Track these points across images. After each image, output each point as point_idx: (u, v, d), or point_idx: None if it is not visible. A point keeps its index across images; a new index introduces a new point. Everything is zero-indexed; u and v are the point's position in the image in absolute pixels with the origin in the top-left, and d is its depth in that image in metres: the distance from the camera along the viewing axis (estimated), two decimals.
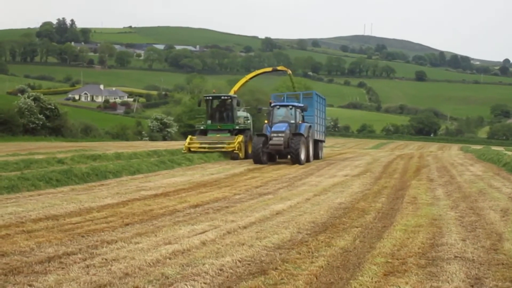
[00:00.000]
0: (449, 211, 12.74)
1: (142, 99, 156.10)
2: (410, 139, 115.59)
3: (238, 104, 32.31)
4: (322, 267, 7.69)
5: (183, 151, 30.23)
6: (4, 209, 11.87)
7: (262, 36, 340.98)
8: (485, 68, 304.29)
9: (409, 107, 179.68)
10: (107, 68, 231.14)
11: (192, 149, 30.27)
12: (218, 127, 31.88)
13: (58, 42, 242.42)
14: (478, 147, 66.07)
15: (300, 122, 29.21)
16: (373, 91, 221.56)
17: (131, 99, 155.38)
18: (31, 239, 9.14)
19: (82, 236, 9.45)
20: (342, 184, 18.58)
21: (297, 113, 29.03)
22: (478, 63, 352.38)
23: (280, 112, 29.32)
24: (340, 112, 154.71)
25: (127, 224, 10.66)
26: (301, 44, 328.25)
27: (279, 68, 41.69)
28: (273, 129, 27.99)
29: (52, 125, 55.25)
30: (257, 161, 27.29)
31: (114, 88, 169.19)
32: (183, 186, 17.25)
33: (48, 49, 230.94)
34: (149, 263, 7.73)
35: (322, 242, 9.26)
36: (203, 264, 7.70)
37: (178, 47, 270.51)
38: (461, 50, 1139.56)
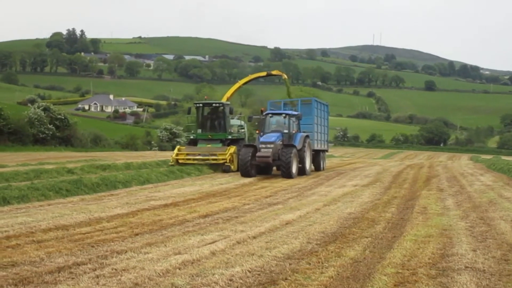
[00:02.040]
0: (460, 221, 12.67)
1: (151, 109, 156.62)
2: (419, 149, 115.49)
3: (231, 112, 29.86)
4: (332, 277, 7.67)
5: (170, 164, 27.96)
6: (14, 219, 11.90)
7: (271, 46, 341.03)
8: (494, 78, 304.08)
9: (419, 117, 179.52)
10: (116, 78, 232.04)
11: (180, 161, 27.86)
12: (209, 136, 29.13)
13: (68, 52, 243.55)
14: (488, 157, 65.81)
15: (295, 131, 26.93)
16: (382, 100, 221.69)
17: (141, 109, 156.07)
18: (41, 249, 9.17)
19: (92, 246, 9.46)
20: (352, 194, 18.53)
21: (291, 121, 26.67)
22: (487, 72, 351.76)
23: (273, 121, 27.26)
24: (349, 121, 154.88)
25: (137, 234, 10.66)
26: (310, 54, 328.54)
27: (273, 72, 38.95)
28: (262, 139, 25.81)
29: (62, 135, 55.26)
30: (245, 174, 24.98)
31: (123, 98, 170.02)
32: (192, 196, 17.25)
33: (58, 59, 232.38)
34: (158, 273, 7.72)
35: (332, 252, 9.23)
36: (213, 274, 7.69)
37: (187, 57, 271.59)
38: (471, 59, 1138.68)
